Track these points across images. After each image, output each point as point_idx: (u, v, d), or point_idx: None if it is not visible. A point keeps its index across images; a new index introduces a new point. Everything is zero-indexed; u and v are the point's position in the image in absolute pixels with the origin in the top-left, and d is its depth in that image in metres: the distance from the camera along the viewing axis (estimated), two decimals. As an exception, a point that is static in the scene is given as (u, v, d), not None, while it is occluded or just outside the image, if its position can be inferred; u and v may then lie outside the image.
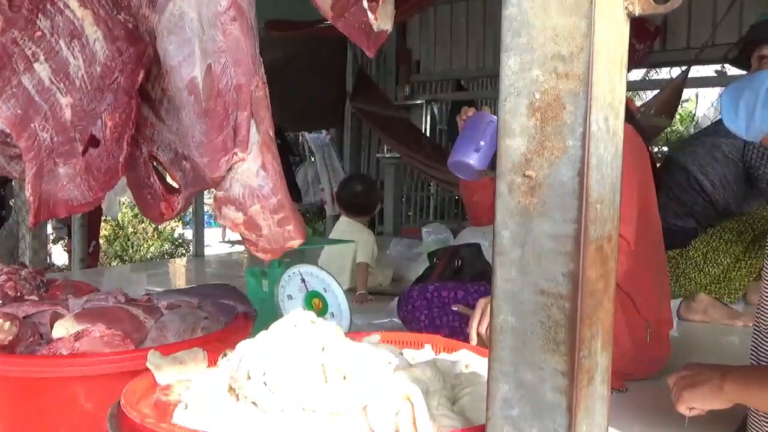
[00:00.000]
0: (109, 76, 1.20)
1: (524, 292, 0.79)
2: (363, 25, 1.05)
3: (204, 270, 4.47)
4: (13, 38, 1.11)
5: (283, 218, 1.09)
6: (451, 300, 2.21)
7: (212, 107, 1.01)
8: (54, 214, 1.22)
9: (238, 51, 1.01)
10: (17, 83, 1.13)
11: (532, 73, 0.77)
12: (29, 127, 1.16)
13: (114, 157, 1.21)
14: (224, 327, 1.52)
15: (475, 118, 1.82)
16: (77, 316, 1.38)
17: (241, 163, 1.05)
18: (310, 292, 2.14)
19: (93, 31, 1.19)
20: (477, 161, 1.75)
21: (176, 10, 1.03)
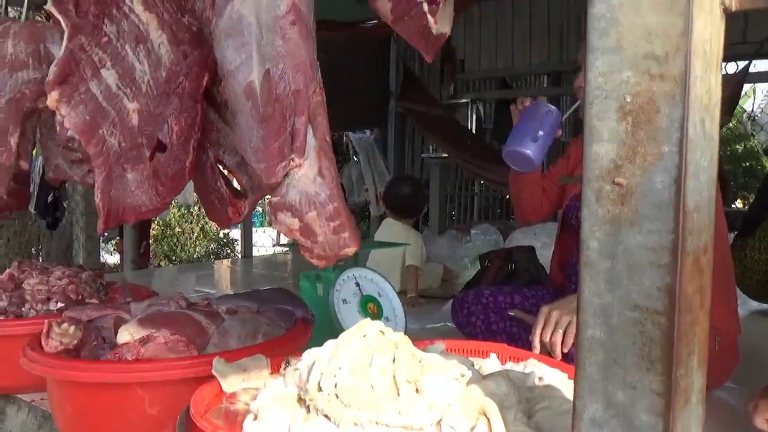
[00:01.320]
0: (175, 81, 1.20)
1: (615, 306, 0.76)
2: (422, 28, 1.02)
3: (251, 271, 4.50)
4: (80, 44, 1.11)
5: (339, 225, 1.07)
6: (507, 305, 2.16)
7: (270, 113, 1.00)
8: (123, 220, 1.23)
9: (297, 56, 0.99)
10: (85, 89, 1.13)
11: (623, 74, 0.73)
12: (97, 133, 1.16)
13: (181, 162, 1.21)
14: (285, 333, 1.51)
15: (532, 108, 1.77)
16: (141, 322, 1.38)
17: (298, 169, 1.04)
18: (365, 296, 2.12)
19: (158, 35, 1.19)
20: (534, 152, 1.70)
21: (234, 14, 1.02)
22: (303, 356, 1.07)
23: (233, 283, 4.21)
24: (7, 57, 1.52)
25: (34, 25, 1.56)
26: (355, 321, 2.08)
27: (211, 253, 11.22)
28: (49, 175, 1.79)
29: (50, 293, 1.82)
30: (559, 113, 1.73)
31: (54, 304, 1.79)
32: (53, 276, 1.88)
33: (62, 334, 1.45)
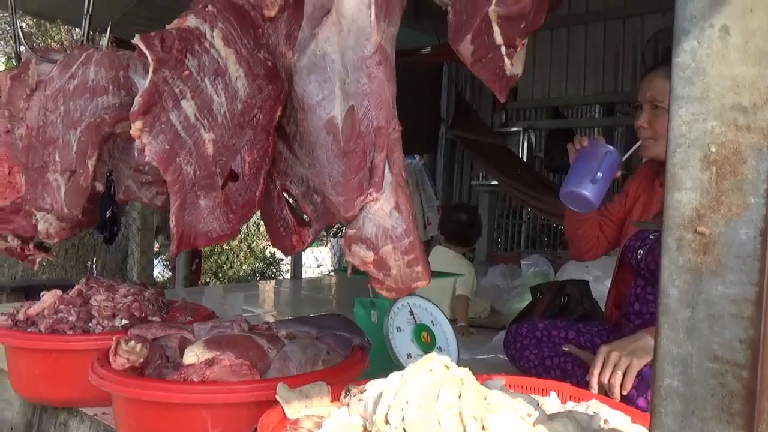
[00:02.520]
0: (249, 113, 1.25)
1: (693, 356, 0.75)
2: (498, 69, 1.04)
3: (300, 293, 4.55)
4: (164, 77, 1.16)
5: (413, 259, 1.08)
6: (561, 340, 2.14)
7: (352, 148, 1.03)
8: (194, 245, 1.27)
9: (381, 94, 1.02)
10: (166, 120, 1.18)
11: (707, 124, 0.73)
12: (175, 161, 1.21)
13: (251, 191, 1.25)
14: (343, 360, 1.53)
15: (590, 148, 1.75)
16: (207, 344, 1.42)
17: (375, 203, 1.06)
18: (419, 324, 2.12)
19: (235, 69, 1.23)
20: (593, 193, 1.67)
21: (318, 51, 1.06)
22: (367, 386, 1.08)
23: (281, 304, 4.26)
24: (89, 83, 1.59)
25: (114, 54, 1.63)
26: (409, 349, 2.10)
27: (257, 272, 11.37)
28: (120, 196, 1.85)
29: (116, 310, 1.88)
30: (618, 154, 1.71)
31: (119, 321, 1.85)
32: (119, 293, 1.94)
33: (129, 352, 1.50)
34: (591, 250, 2.09)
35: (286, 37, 1.31)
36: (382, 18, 1.00)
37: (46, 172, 1.62)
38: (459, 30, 0.99)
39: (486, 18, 0.96)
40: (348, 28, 1.01)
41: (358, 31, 1.01)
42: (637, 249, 1.93)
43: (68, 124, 1.59)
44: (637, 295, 1.95)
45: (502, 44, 0.98)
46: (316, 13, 1.08)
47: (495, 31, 0.96)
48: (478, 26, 0.97)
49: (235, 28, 1.22)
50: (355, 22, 1.01)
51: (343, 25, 1.02)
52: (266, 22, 1.30)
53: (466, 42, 0.99)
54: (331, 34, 1.04)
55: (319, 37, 1.05)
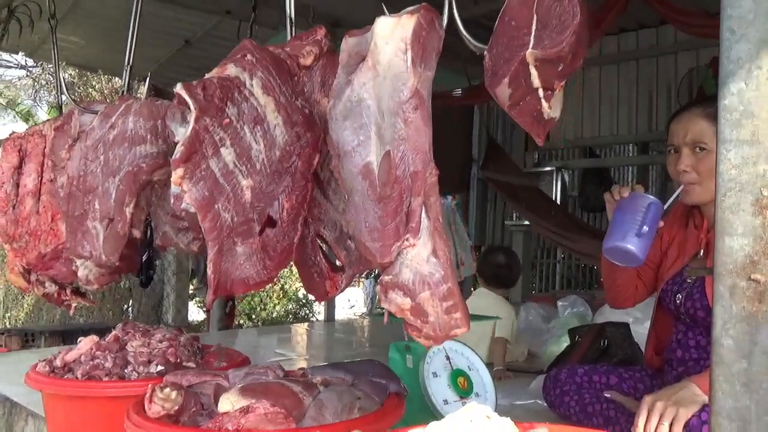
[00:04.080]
0: (288, 160, 1.25)
1: (752, 410, 0.71)
2: (536, 113, 1.03)
3: (333, 335, 4.52)
4: (204, 126, 1.18)
5: (452, 305, 1.07)
6: (603, 386, 2.08)
7: (388, 193, 1.02)
8: (231, 292, 1.27)
9: (417, 139, 1.02)
10: (205, 167, 1.19)
11: (758, 167, 0.71)
12: (213, 208, 1.21)
13: (289, 238, 1.25)
14: (379, 407, 1.50)
15: (631, 200, 1.69)
16: (242, 391, 1.41)
17: (412, 248, 1.05)
18: (455, 370, 2.08)
19: (274, 117, 1.25)
20: (638, 248, 1.61)
21: (354, 97, 1.06)
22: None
23: (315, 347, 4.23)
24: (127, 133, 1.62)
25: (152, 104, 1.66)
26: (445, 395, 2.05)
27: (290, 313, 11.36)
28: (158, 242, 1.87)
29: (151, 356, 1.88)
30: (661, 204, 1.66)
31: (154, 367, 1.85)
32: (154, 338, 1.95)
33: (164, 399, 1.49)
34: (630, 299, 2.05)
35: (320, 84, 1.33)
36: (418, 63, 1.01)
37: (86, 220, 1.65)
38: (496, 74, 0.99)
39: (523, 61, 0.95)
40: (384, 74, 1.02)
41: (394, 77, 1.01)
42: (675, 294, 1.88)
43: (107, 172, 1.62)
44: (679, 340, 1.89)
45: (540, 87, 0.97)
46: (352, 60, 1.09)
47: (532, 74, 0.96)
48: (515, 70, 0.96)
49: (273, 76, 1.24)
50: (391, 68, 1.01)
51: (379, 71, 1.02)
52: (302, 71, 1.31)
53: (503, 86, 0.98)
54: (366, 80, 1.04)
55: (354, 84, 1.06)
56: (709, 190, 1.76)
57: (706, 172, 1.74)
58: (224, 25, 4.39)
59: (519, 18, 0.98)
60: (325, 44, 1.35)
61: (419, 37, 1.00)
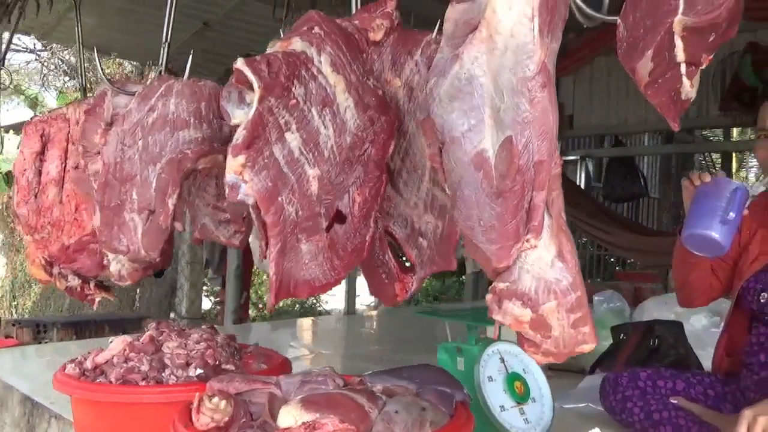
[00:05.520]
0: (360, 147, 1.11)
1: None
2: (674, 92, 0.89)
3: (358, 330, 4.38)
4: (269, 107, 1.03)
5: (580, 318, 0.92)
6: (668, 391, 1.94)
7: (509, 186, 0.88)
8: (294, 294, 1.13)
9: (544, 122, 0.87)
10: (269, 154, 1.05)
11: None
12: (277, 200, 1.07)
13: (361, 235, 1.11)
14: (450, 420, 1.37)
15: (715, 185, 1.58)
16: (304, 404, 1.27)
17: (533, 251, 0.90)
18: (511, 374, 1.94)
19: (344, 99, 1.10)
20: (723, 236, 1.50)
21: (464, 74, 0.91)
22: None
23: (338, 341, 4.10)
24: (168, 116, 1.48)
25: (195, 84, 1.52)
26: (502, 401, 1.91)
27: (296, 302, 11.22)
28: (195, 234, 1.73)
29: (189, 358, 1.74)
30: (747, 190, 1.54)
31: (193, 370, 1.71)
32: (191, 339, 1.81)
33: (214, 410, 1.36)
34: (702, 296, 1.90)
35: (391, 63, 1.18)
36: (546, 33, 0.86)
37: (123, 212, 1.50)
38: (635, 46, 0.85)
39: (669, 30, 0.80)
40: (504, 46, 0.87)
41: (517, 49, 0.86)
42: (759, 292, 1.74)
43: (147, 159, 1.48)
44: (761, 343, 1.75)
45: (684, 61, 0.82)
46: (459, 30, 0.93)
47: (677, 46, 0.81)
48: (660, 41, 0.81)
49: (344, 52, 1.09)
50: (514, 38, 0.86)
51: (497, 42, 0.87)
52: (371, 47, 1.16)
53: (646, 59, 0.84)
54: (479, 54, 0.89)
55: (464, 58, 0.90)
56: None
57: None
58: (247, 7, 4.21)
59: (663, -23, 0.83)
60: (396, 17, 1.20)
61: (548, 1, 0.85)
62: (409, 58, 1.16)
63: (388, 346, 3.77)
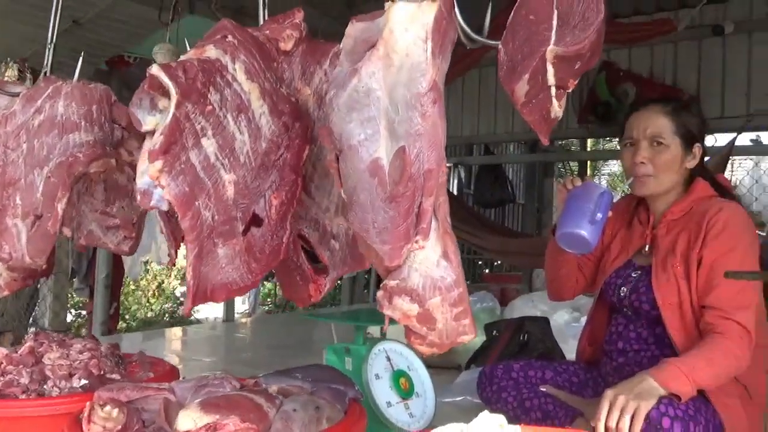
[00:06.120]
0: (275, 152, 1.15)
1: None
2: (545, 112, 1.01)
3: (238, 336, 4.34)
4: (186, 113, 1.04)
5: (462, 311, 1.02)
6: (539, 380, 2.10)
7: (401, 192, 0.95)
8: (211, 299, 1.14)
9: (434, 135, 0.96)
10: (186, 159, 1.06)
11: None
12: (193, 205, 1.08)
13: (278, 237, 1.15)
14: (345, 416, 1.43)
15: (583, 189, 1.75)
16: (204, 406, 1.28)
17: (421, 251, 0.99)
18: (396, 371, 2.04)
19: (259, 105, 1.13)
20: (591, 234, 1.68)
21: (362, 87, 0.98)
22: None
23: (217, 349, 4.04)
24: (57, 118, 1.44)
25: (86, 87, 1.49)
26: (388, 397, 2.00)
27: (166, 312, 10.79)
28: (80, 241, 1.68)
29: (72, 368, 1.69)
30: (611, 194, 1.73)
31: (77, 381, 1.66)
32: (73, 350, 1.75)
33: (106, 419, 1.34)
34: (570, 290, 2.09)
35: (301, 72, 1.23)
36: (438, 54, 0.94)
37: (5, 217, 1.44)
38: (514, 70, 0.95)
39: (543, 58, 0.92)
40: (400, 64, 0.95)
41: (411, 67, 0.94)
42: (619, 287, 1.93)
43: (32, 163, 1.43)
44: (620, 332, 1.95)
45: (554, 85, 0.94)
46: (359, 47, 1.00)
47: (549, 72, 0.93)
48: (535, 67, 0.93)
49: (257, 61, 1.12)
50: (409, 57, 0.94)
51: (393, 60, 0.95)
52: (281, 57, 1.21)
53: (522, 82, 0.95)
54: (376, 70, 0.96)
55: (362, 73, 0.97)
56: (662, 182, 1.84)
57: (661, 165, 1.81)
58: (121, 7, 4.05)
59: (538, 12, 0.95)
60: (305, 28, 1.25)
61: (440, 26, 0.94)
62: (317, 67, 1.22)
63: (270, 351, 3.77)
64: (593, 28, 0.92)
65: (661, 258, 1.83)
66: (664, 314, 1.78)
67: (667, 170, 1.82)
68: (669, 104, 1.87)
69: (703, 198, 1.85)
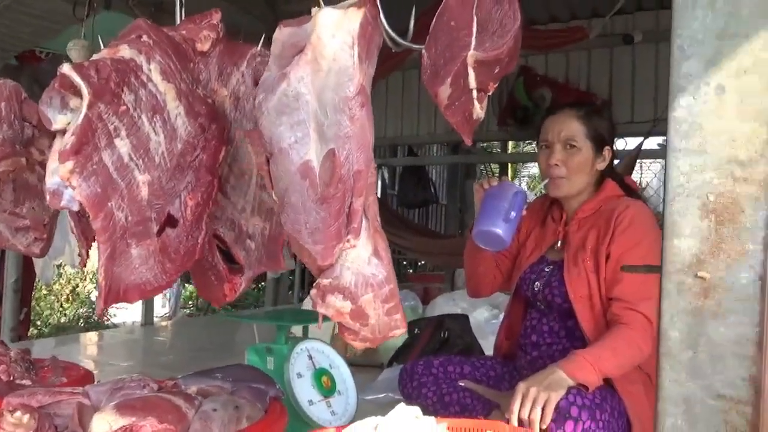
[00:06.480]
0: (191, 154, 1.15)
1: (697, 395, 0.78)
2: (467, 113, 1.05)
3: (158, 340, 4.24)
4: (98, 113, 1.03)
5: (393, 307, 1.05)
6: (458, 375, 2.17)
7: (332, 194, 0.98)
8: (124, 299, 1.13)
9: (363, 137, 0.98)
10: (98, 160, 1.04)
11: (705, 175, 0.78)
12: (106, 206, 1.07)
13: (193, 238, 1.15)
14: (265, 414, 1.44)
15: (500, 188, 1.82)
16: (119, 408, 1.26)
17: (353, 250, 1.02)
18: (318, 369, 2.05)
19: (175, 106, 1.13)
20: (505, 232, 1.74)
21: (291, 91, 1.00)
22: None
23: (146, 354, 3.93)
24: (-41, 115, 1.39)
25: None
26: (310, 395, 2.02)
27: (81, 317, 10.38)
28: (-13, 244, 1.62)
29: (-21, 375, 1.62)
30: (526, 193, 1.80)
31: (-15, 387, 1.60)
32: (-20, 355, 1.69)
33: (16, 425, 1.30)
34: (487, 287, 2.16)
35: (218, 73, 1.24)
36: (364, 59, 0.97)
37: None
38: (437, 74, 0.99)
39: (464, 63, 0.96)
40: (328, 68, 0.97)
41: (339, 72, 0.97)
42: (533, 281, 2.01)
43: (-67, 161, 1.37)
44: (533, 326, 2.03)
45: (475, 88, 0.99)
46: (287, 51, 1.02)
47: (470, 76, 0.97)
48: (457, 71, 0.97)
49: (173, 61, 1.12)
50: (336, 62, 0.96)
51: (321, 64, 0.97)
52: (198, 57, 1.21)
53: (445, 86, 0.99)
54: (305, 74, 0.98)
55: (291, 77, 0.99)
56: (575, 184, 1.93)
57: (574, 168, 1.90)
58: (33, 0, 3.89)
59: (459, 19, 0.99)
60: (222, 29, 1.25)
61: (366, 31, 0.97)
62: (235, 69, 1.23)
63: (190, 354, 3.70)
64: (510, 34, 0.97)
65: (572, 253, 1.92)
66: (576, 307, 1.87)
67: (579, 172, 1.91)
68: (582, 109, 1.96)
69: (612, 197, 1.95)
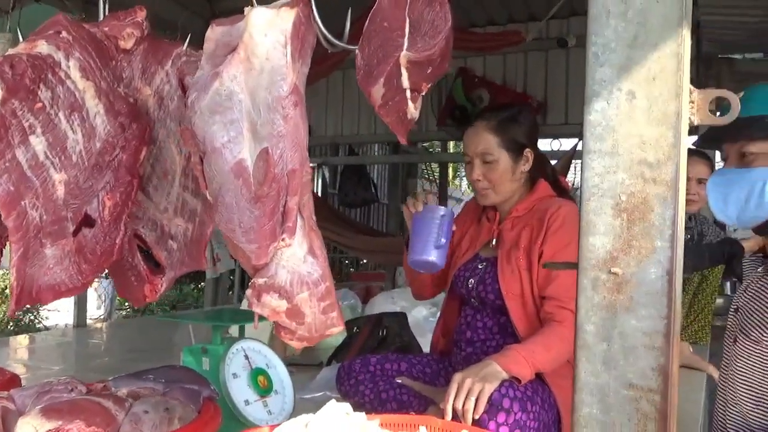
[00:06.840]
0: (110, 153, 1.13)
1: (610, 385, 0.82)
2: (402, 113, 1.07)
3: (91, 342, 4.12)
4: (12, 109, 1.00)
5: (329, 305, 1.06)
6: (395, 372, 2.19)
7: (266, 192, 0.98)
8: (38, 300, 1.10)
9: (296, 136, 0.99)
10: (11, 157, 1.02)
11: (618, 176, 0.82)
12: (19, 205, 1.04)
13: (111, 238, 1.13)
14: (198, 415, 1.42)
15: (425, 213, 1.86)
16: (45, 412, 1.23)
17: (288, 248, 1.02)
18: (255, 369, 2.05)
19: (94, 104, 1.11)
20: (439, 258, 1.82)
21: (224, 90, 0.99)
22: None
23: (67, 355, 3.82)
24: None
25: None
26: (246, 395, 2.01)
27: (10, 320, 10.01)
28: None
29: None
30: (452, 213, 1.86)
31: None
32: None
33: (-66, 432, 1.25)
34: (429, 289, 2.21)
35: (141, 71, 1.22)
36: (297, 58, 0.97)
37: None
38: (370, 74, 1.00)
39: (397, 63, 0.98)
40: (261, 67, 0.96)
41: (272, 71, 0.96)
42: (467, 279, 2.06)
43: None
44: (468, 323, 2.07)
45: (409, 88, 1.01)
46: (219, 50, 1.01)
47: (403, 76, 0.99)
48: (390, 71, 0.99)
49: (93, 59, 1.09)
50: (269, 61, 0.96)
51: (254, 63, 0.96)
52: (120, 55, 1.18)
53: (378, 85, 1.00)
54: (238, 73, 0.97)
55: (224, 76, 0.98)
56: (500, 193, 1.98)
57: (496, 179, 1.95)
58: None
59: (391, 20, 1.01)
60: (146, 27, 1.23)
61: (299, 31, 0.97)
62: (159, 68, 1.21)
63: (125, 356, 3.62)
64: (442, 35, 0.99)
65: (505, 251, 1.97)
66: (508, 304, 1.92)
67: (502, 182, 1.96)
68: (493, 119, 1.99)
69: (544, 197, 2.01)
